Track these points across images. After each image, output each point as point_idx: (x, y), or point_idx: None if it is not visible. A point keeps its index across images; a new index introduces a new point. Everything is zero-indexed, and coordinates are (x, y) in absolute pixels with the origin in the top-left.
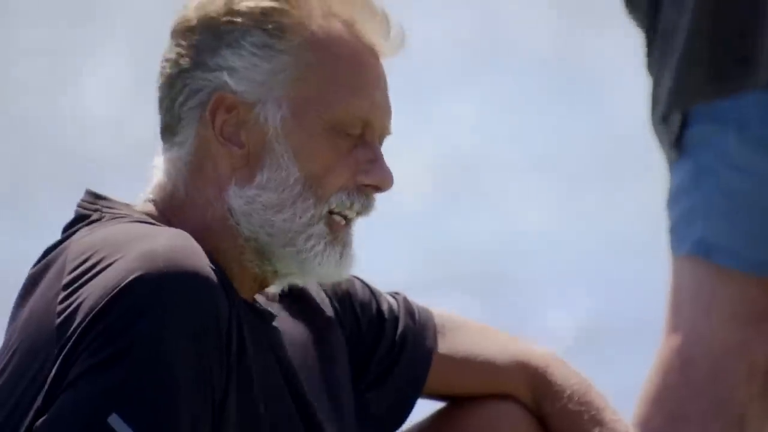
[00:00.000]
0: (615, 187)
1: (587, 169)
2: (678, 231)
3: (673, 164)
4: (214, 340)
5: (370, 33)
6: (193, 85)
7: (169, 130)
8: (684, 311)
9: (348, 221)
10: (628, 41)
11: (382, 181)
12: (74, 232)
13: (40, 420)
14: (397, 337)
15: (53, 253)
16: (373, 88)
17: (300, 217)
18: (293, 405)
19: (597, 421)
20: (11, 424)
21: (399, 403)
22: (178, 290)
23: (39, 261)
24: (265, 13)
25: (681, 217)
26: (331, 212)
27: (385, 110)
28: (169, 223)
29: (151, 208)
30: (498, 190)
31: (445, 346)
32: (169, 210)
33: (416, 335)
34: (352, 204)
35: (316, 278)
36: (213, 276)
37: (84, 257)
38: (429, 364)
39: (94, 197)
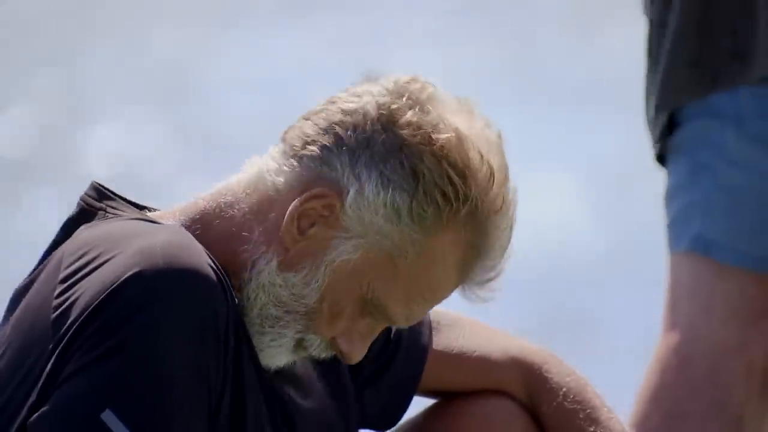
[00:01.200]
0: None
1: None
2: (676, 227)
3: (670, 160)
4: (213, 339)
5: (473, 271)
6: (331, 161)
7: (289, 145)
8: (682, 308)
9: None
10: None
11: (349, 357)
12: (73, 228)
13: (34, 416)
14: (392, 335)
15: (53, 252)
16: (422, 309)
17: (281, 327)
18: (287, 411)
19: (592, 419)
20: (5, 419)
21: (394, 402)
22: (177, 287)
23: (42, 259)
24: (426, 193)
25: (679, 213)
26: (302, 338)
27: (413, 322)
28: (203, 228)
29: (198, 207)
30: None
31: (440, 342)
32: (218, 211)
33: (412, 332)
34: (316, 348)
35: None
36: (212, 274)
37: (81, 252)
38: (424, 362)
39: (100, 195)
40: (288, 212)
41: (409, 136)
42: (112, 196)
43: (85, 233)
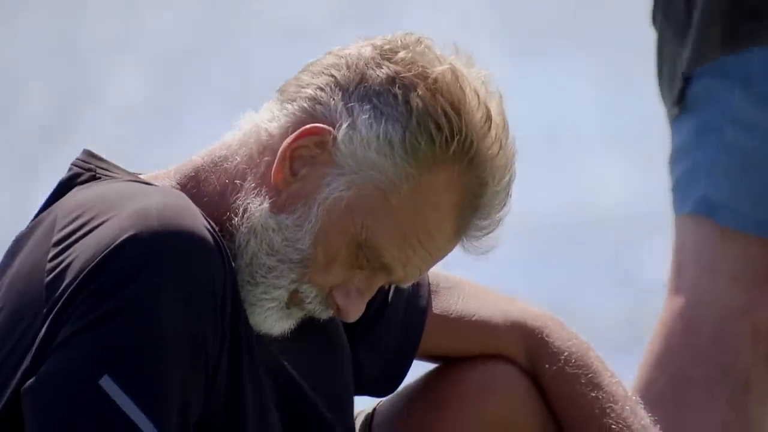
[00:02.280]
0: None
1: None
2: (680, 189)
3: (675, 121)
4: (210, 304)
5: (469, 219)
6: (324, 99)
7: (284, 93)
8: (687, 272)
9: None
10: None
11: (345, 312)
12: (65, 192)
13: (29, 382)
14: (390, 298)
15: (44, 213)
16: (418, 256)
17: (275, 278)
18: (285, 376)
19: (594, 384)
20: None
21: (393, 367)
22: (173, 250)
23: (36, 217)
24: (419, 123)
25: (684, 175)
26: (296, 290)
27: (412, 277)
28: (197, 187)
29: (193, 164)
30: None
31: (439, 305)
32: (212, 166)
33: (410, 295)
34: (312, 301)
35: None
36: (209, 237)
37: (75, 215)
38: (423, 325)
39: (90, 157)
40: (279, 152)
41: (404, 71)
42: (102, 159)
43: (78, 195)
